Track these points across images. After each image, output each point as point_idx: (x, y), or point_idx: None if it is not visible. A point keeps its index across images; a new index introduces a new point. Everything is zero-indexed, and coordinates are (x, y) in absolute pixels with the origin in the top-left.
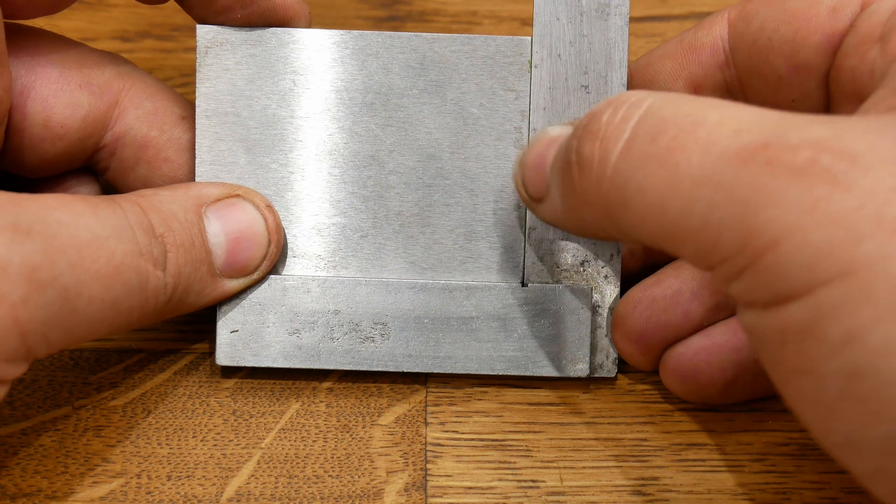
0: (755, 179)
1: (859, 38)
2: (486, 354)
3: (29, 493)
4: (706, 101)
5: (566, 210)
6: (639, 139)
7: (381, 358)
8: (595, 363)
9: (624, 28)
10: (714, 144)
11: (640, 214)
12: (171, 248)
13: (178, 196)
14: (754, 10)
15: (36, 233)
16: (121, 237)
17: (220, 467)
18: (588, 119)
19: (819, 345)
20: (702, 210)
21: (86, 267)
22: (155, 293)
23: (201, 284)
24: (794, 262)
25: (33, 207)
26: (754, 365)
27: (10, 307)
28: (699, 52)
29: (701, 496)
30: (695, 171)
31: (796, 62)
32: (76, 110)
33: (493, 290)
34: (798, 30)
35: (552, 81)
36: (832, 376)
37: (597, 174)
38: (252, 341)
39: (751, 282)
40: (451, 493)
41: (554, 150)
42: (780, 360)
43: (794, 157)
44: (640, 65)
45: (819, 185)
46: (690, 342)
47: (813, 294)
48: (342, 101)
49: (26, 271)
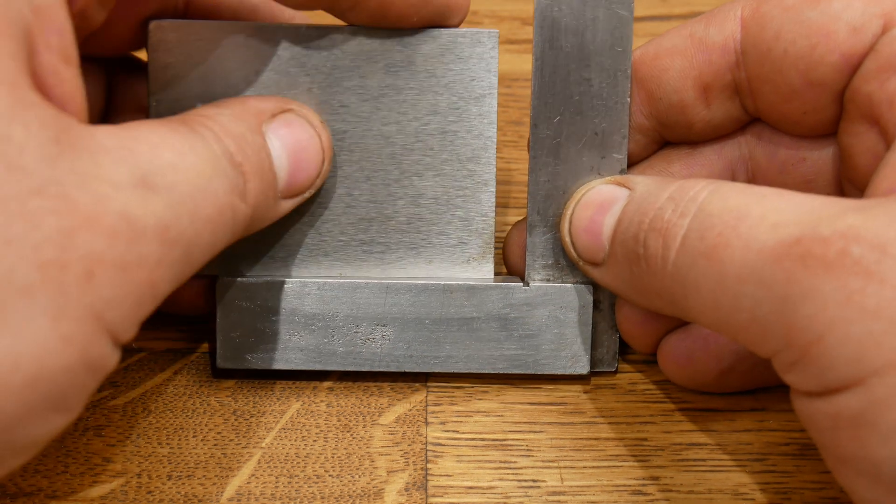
0: (791, 275)
1: (880, 63)
2: (487, 354)
3: (29, 492)
4: (754, 191)
5: (631, 290)
6: (691, 236)
7: (382, 359)
8: (596, 358)
9: (628, 18)
10: (754, 240)
11: (698, 308)
12: (249, 176)
13: (238, 113)
14: (769, 15)
15: (160, 186)
16: (218, 173)
17: (220, 467)
18: (654, 214)
19: (873, 432)
20: (749, 306)
21: (200, 214)
22: (240, 225)
23: (266, 208)
24: (841, 356)
25: (146, 152)
26: (751, 355)
27: (149, 271)
28: (710, 52)
29: (701, 496)
30: (738, 269)
31: (811, 78)
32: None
33: (494, 289)
34: (816, 46)
35: (553, 74)
36: (887, 461)
37: (661, 269)
38: (252, 344)
39: (802, 374)
40: (452, 492)
41: (609, 219)
42: (835, 445)
43: (826, 250)
44: (647, 55)
45: (852, 278)
46: (689, 329)
47: (864, 385)
48: (309, 102)
49: (160, 231)
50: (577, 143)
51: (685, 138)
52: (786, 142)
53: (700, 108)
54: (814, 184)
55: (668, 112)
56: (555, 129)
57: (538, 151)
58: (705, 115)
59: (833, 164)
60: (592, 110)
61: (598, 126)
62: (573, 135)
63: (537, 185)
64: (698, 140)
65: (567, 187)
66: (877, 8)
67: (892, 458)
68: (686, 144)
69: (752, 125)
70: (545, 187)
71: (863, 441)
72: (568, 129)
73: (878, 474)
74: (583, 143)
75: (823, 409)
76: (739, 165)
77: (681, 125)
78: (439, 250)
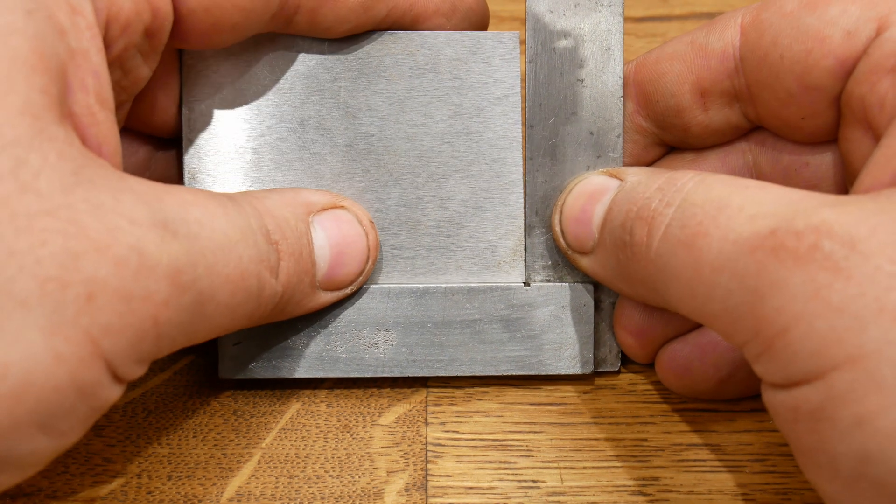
0: (763, 267)
1: (871, 66)
2: (490, 356)
3: (29, 492)
4: (737, 182)
5: (617, 278)
6: (674, 224)
7: (385, 364)
8: (598, 357)
9: (619, 19)
10: (731, 230)
11: (677, 296)
12: (283, 255)
13: (288, 201)
14: (768, 21)
15: (181, 233)
16: (247, 241)
17: (220, 467)
18: (642, 203)
19: (831, 427)
20: (721, 296)
21: (219, 271)
22: (267, 301)
23: (301, 295)
24: (803, 349)
25: (175, 204)
26: (747, 364)
27: (154, 308)
28: (709, 57)
29: (701, 496)
30: (714, 258)
31: (807, 83)
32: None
33: (496, 291)
34: (811, 51)
35: (547, 76)
36: (845, 457)
37: (644, 257)
38: (255, 353)
39: (768, 365)
40: (452, 493)
41: (599, 208)
42: (796, 437)
43: (798, 243)
44: (648, 61)
45: (821, 272)
46: (687, 339)
47: (824, 379)
48: (335, 106)
49: (171, 273)
50: (572, 143)
51: (684, 142)
52: (788, 148)
53: (697, 113)
54: (818, 188)
55: (665, 115)
56: (550, 129)
57: (534, 152)
58: (703, 119)
59: (836, 168)
60: (587, 110)
61: (593, 126)
62: (569, 135)
63: (535, 186)
64: (697, 144)
65: (564, 187)
66: (871, 12)
67: (850, 453)
68: (690, 151)
69: (755, 132)
70: (542, 188)
71: (821, 435)
72: (563, 130)
73: (836, 468)
74: (578, 143)
75: (786, 402)
76: (744, 171)
77: (677, 128)
78: (469, 254)
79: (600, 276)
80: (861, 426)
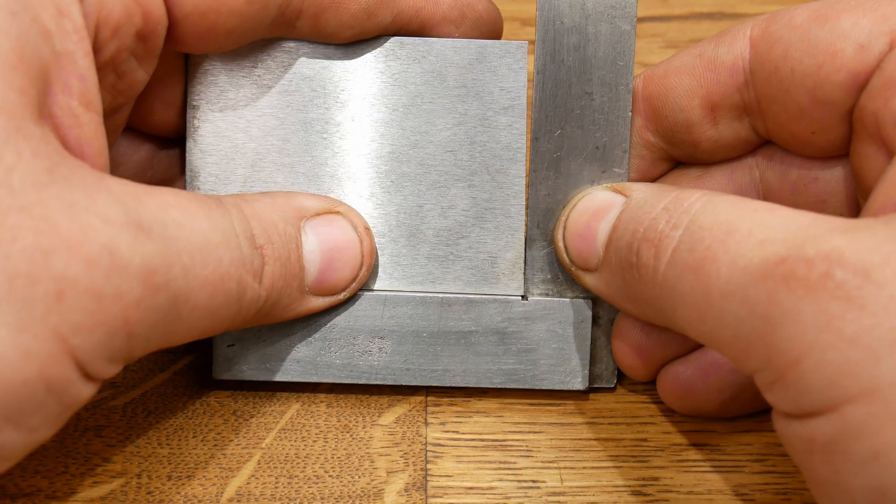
0: (774, 296)
1: (884, 81)
2: (484, 368)
3: (29, 493)
4: (745, 204)
5: (623, 298)
6: (681, 248)
7: (379, 372)
8: (594, 374)
9: (631, 32)
10: (741, 256)
11: (685, 320)
12: (269, 260)
13: (279, 205)
14: (778, 34)
15: (156, 234)
16: (228, 245)
17: (220, 467)
18: (648, 223)
19: (846, 460)
20: (731, 323)
21: (196, 273)
22: (249, 304)
23: (289, 299)
24: (817, 380)
25: (153, 205)
26: (752, 385)
27: (124, 308)
28: (718, 71)
29: (701, 496)
30: (723, 284)
31: (818, 97)
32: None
33: (493, 303)
34: (822, 65)
35: (555, 87)
36: (860, 490)
37: (651, 280)
38: (249, 355)
39: (780, 394)
40: (452, 493)
41: (604, 226)
42: (810, 468)
43: (809, 272)
44: (656, 74)
45: (833, 302)
46: (689, 360)
47: (838, 412)
48: (339, 111)
49: (144, 273)
50: (577, 156)
51: (692, 157)
52: (797, 162)
53: (707, 128)
54: (827, 203)
55: (674, 130)
56: (555, 142)
57: (538, 165)
58: (712, 134)
59: (845, 183)
60: (594, 124)
61: (600, 140)
62: (574, 149)
63: (537, 199)
64: (706, 159)
65: (567, 202)
66: (884, 26)
67: (865, 486)
68: (697, 166)
69: (763, 147)
70: (545, 201)
71: (836, 468)
72: (569, 143)
73: (851, 501)
74: (583, 157)
75: (799, 432)
76: (751, 188)
77: (687, 143)
78: (468, 264)
79: (605, 294)
80: (877, 460)
